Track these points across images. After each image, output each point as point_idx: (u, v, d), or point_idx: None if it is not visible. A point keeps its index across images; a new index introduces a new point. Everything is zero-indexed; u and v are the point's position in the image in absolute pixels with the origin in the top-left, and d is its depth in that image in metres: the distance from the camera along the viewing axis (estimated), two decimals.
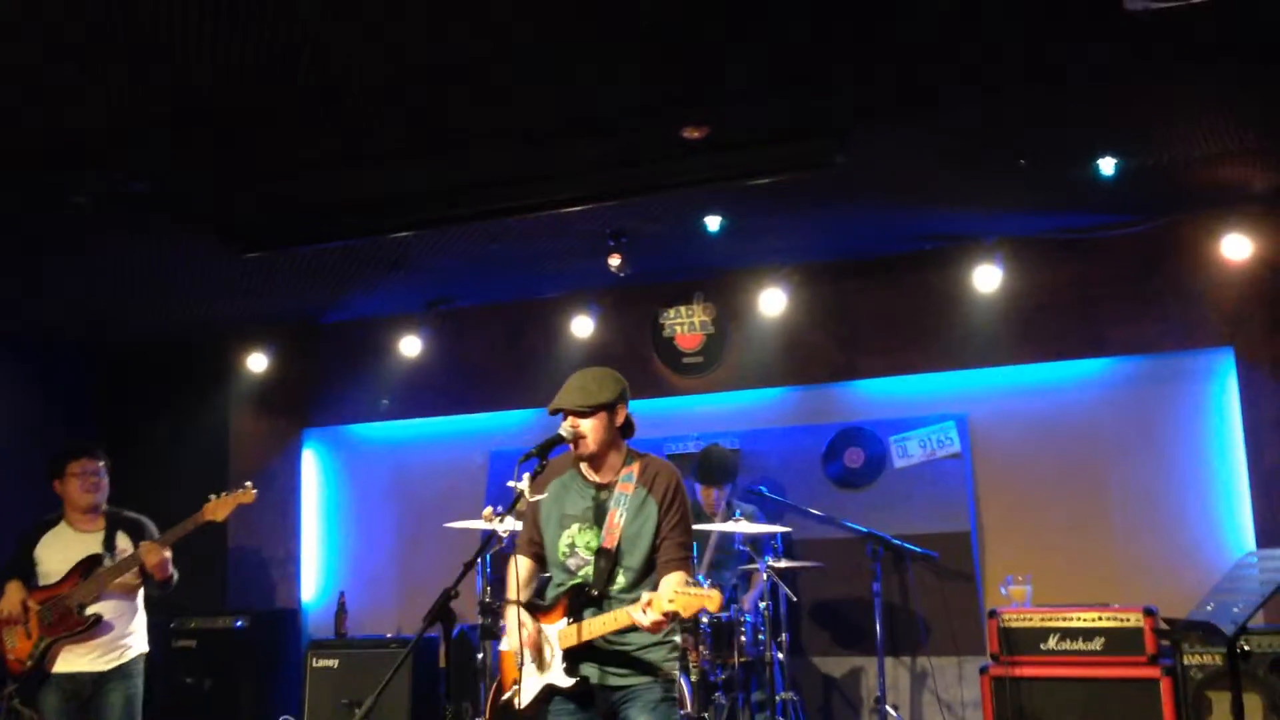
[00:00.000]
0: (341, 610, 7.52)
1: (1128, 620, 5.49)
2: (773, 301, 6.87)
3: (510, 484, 3.84)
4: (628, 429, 4.02)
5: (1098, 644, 5.49)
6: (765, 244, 6.66)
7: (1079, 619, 5.57)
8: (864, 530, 6.47)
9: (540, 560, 4.12)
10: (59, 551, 5.41)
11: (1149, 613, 5.50)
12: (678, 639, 3.98)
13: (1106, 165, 5.38)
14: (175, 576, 5.41)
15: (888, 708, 6.35)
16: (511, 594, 4.04)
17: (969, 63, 4.34)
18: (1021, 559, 6.41)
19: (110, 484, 5.54)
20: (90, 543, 5.41)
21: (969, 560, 6.66)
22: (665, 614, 3.57)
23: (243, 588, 7.90)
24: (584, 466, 4.02)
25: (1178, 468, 6.38)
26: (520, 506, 3.91)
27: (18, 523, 7.39)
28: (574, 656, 3.87)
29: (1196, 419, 6.39)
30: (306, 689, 7.01)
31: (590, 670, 3.88)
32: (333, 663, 6.98)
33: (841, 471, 7.01)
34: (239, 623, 7.18)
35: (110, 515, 5.52)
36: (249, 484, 5.52)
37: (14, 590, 5.35)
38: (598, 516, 3.93)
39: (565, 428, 3.91)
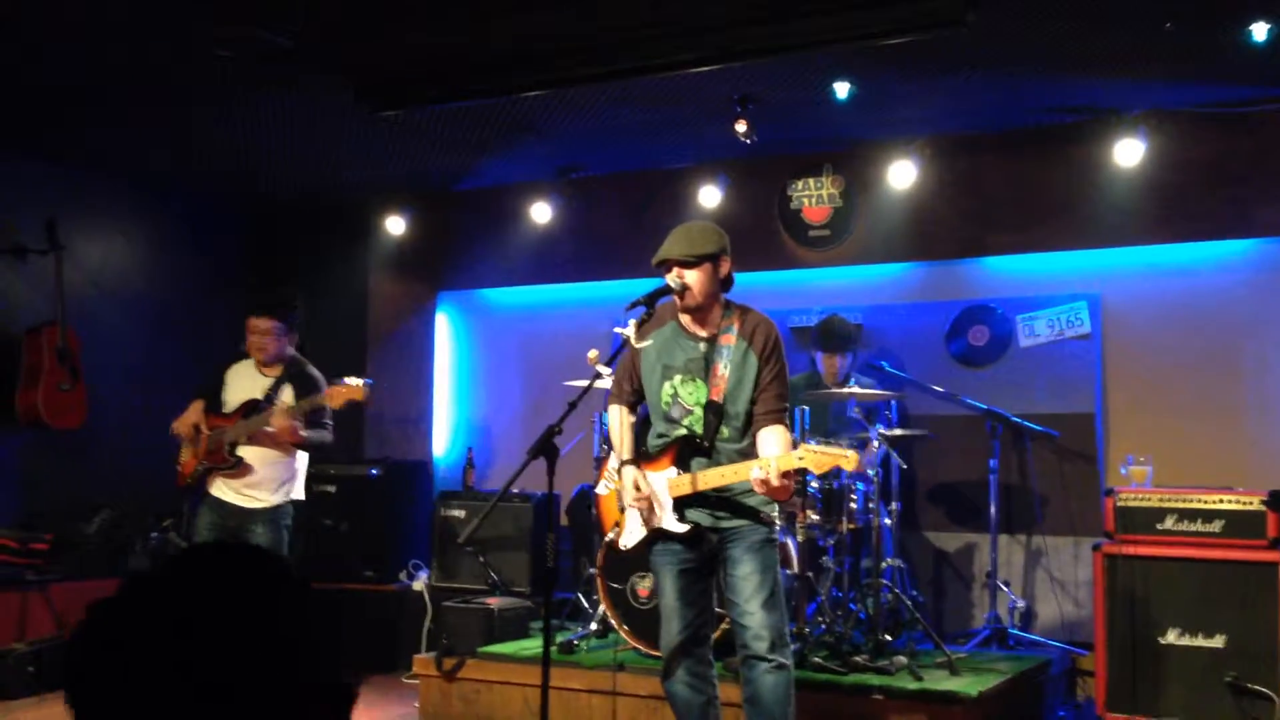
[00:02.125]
0: (469, 465, 7.84)
1: (1250, 504, 5.34)
2: (902, 174, 6.76)
3: (617, 330, 3.96)
4: (728, 282, 4.09)
5: (1216, 526, 5.37)
6: (896, 114, 6.52)
7: (1199, 500, 5.45)
8: (983, 407, 6.42)
9: (633, 408, 4.25)
10: (239, 384, 5.61)
11: (1274, 496, 5.35)
12: None
13: (1259, 31, 5.09)
14: (312, 441, 5.44)
15: (999, 583, 6.37)
16: (615, 442, 4.18)
17: None
18: (1147, 443, 6.25)
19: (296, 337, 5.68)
20: (262, 386, 5.56)
21: (1092, 442, 6.55)
22: (790, 471, 3.64)
23: (379, 440, 8.31)
24: (685, 319, 4.09)
25: None
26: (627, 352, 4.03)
27: (160, 366, 7.90)
28: (683, 503, 4.00)
29: None
30: (435, 535, 7.37)
31: (698, 515, 4.02)
32: (460, 512, 7.31)
33: (965, 349, 6.93)
34: (373, 471, 7.55)
35: (289, 366, 5.62)
36: (364, 381, 5.31)
37: (194, 410, 5.58)
38: (701, 369, 4.00)
39: (672, 278, 3.99)
